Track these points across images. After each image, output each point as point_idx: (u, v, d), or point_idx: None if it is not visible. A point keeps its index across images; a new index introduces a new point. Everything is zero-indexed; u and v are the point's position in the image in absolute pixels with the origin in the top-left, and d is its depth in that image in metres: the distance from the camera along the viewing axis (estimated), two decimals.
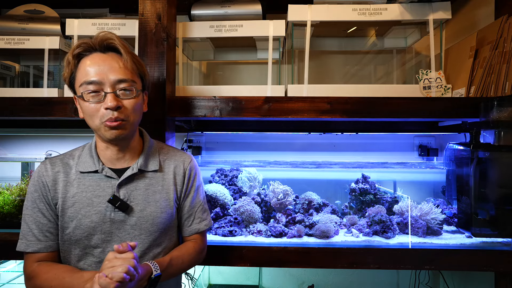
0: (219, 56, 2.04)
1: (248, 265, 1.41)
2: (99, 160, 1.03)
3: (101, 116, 0.95)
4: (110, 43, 0.97)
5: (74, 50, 0.96)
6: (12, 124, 1.92)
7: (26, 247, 1.00)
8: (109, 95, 0.94)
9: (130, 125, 0.99)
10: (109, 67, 0.95)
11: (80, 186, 1.01)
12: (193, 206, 1.14)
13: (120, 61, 0.97)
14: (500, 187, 1.40)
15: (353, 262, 1.39)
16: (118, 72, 0.95)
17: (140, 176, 1.05)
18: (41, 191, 1.01)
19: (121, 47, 0.97)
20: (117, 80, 0.95)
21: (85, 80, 0.94)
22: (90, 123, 0.98)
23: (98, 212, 0.99)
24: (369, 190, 1.70)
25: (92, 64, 0.95)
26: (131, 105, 0.98)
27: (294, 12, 1.55)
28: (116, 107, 0.94)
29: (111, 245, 0.99)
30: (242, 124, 1.87)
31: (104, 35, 0.96)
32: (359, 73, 2.14)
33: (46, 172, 1.02)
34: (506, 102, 1.33)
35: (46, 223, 1.01)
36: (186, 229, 1.14)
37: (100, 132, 0.97)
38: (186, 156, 1.15)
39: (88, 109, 0.95)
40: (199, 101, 1.45)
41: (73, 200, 1.00)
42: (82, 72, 0.95)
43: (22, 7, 1.75)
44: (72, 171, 1.03)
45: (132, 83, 0.98)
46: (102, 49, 0.97)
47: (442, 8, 1.53)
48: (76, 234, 0.99)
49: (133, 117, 0.99)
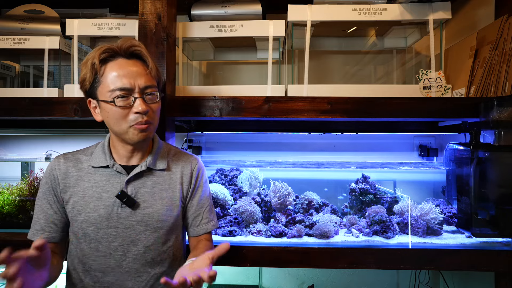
0: (219, 56, 2.04)
1: (248, 265, 1.42)
2: (111, 157, 1.07)
3: (130, 120, 0.98)
4: (136, 50, 1.01)
5: (100, 54, 0.97)
6: (12, 124, 1.91)
7: (32, 236, 1.05)
8: (138, 100, 0.98)
9: (153, 128, 1.05)
10: (138, 74, 0.99)
11: (91, 180, 1.05)
12: (201, 206, 1.16)
13: (146, 69, 1.01)
14: (500, 187, 1.40)
15: (353, 262, 1.39)
16: (146, 79, 1.00)
17: (148, 174, 1.08)
18: (51, 183, 1.06)
19: (147, 56, 1.02)
20: (145, 86, 1.00)
21: (116, 86, 0.96)
22: (115, 126, 1.00)
23: (106, 207, 1.03)
24: (369, 190, 1.70)
25: (121, 70, 0.98)
26: (156, 109, 1.04)
27: (294, 12, 1.55)
28: (146, 111, 0.99)
29: (117, 240, 1.03)
30: (242, 124, 1.87)
31: (132, 42, 1.00)
32: (359, 73, 2.14)
33: (59, 165, 1.07)
34: (506, 102, 1.34)
35: (52, 214, 1.06)
36: (194, 229, 1.15)
37: (126, 135, 1.00)
38: (193, 158, 1.19)
39: (117, 113, 0.98)
40: (199, 101, 1.45)
41: (83, 193, 1.04)
42: (111, 77, 0.97)
43: (22, 7, 1.75)
44: (83, 165, 1.07)
45: (156, 89, 1.03)
46: (127, 55, 1.00)
47: (442, 8, 1.53)
48: (84, 227, 1.03)
49: (156, 120, 1.06)
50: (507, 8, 1.57)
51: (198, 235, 1.15)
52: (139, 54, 1.02)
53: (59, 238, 1.07)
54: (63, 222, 1.07)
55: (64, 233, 1.08)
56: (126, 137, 1.01)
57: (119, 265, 1.02)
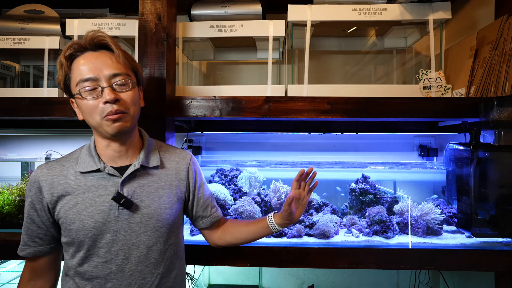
0: (219, 56, 2.04)
1: (248, 265, 1.41)
2: (99, 159, 1.02)
3: (101, 111, 0.95)
4: (101, 40, 0.99)
5: (65, 52, 0.97)
6: (12, 124, 1.92)
7: (19, 251, 1.04)
8: (106, 89, 0.95)
9: (130, 118, 1.00)
10: (102, 63, 0.97)
11: (82, 186, 1.00)
12: (208, 197, 1.19)
13: (112, 57, 0.98)
14: (500, 187, 1.40)
15: (353, 262, 1.39)
16: (112, 67, 0.97)
17: (143, 173, 1.05)
18: (35, 196, 1.01)
19: (112, 43, 0.99)
20: (112, 74, 0.97)
21: (80, 78, 0.95)
22: (90, 121, 0.98)
23: (102, 212, 0.99)
24: (369, 190, 1.70)
25: (85, 62, 0.96)
26: (129, 97, 0.99)
27: (294, 12, 1.55)
28: (115, 100, 0.95)
29: (117, 244, 0.99)
30: (242, 124, 1.87)
31: (94, 34, 0.98)
32: (359, 73, 2.14)
33: (42, 176, 1.01)
34: (506, 102, 1.33)
35: (34, 229, 1.02)
36: (206, 220, 1.18)
37: (101, 128, 0.98)
38: (185, 152, 1.18)
39: (87, 106, 0.96)
40: (199, 101, 1.45)
41: (74, 201, 0.99)
42: (77, 71, 0.96)
43: (22, 7, 1.75)
44: (70, 172, 1.02)
45: (126, 76, 0.99)
46: (93, 48, 0.99)
47: (442, 8, 1.53)
48: (80, 236, 0.98)
49: (133, 109, 1.00)
50: (507, 8, 1.57)
51: (210, 223, 1.19)
52: (105, 43, 0.99)
53: (47, 250, 1.04)
54: (49, 236, 1.03)
55: (54, 244, 1.05)
56: (102, 131, 0.98)
57: (122, 269, 0.99)
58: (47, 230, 1.03)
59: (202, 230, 1.22)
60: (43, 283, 1.07)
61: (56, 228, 1.03)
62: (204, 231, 1.22)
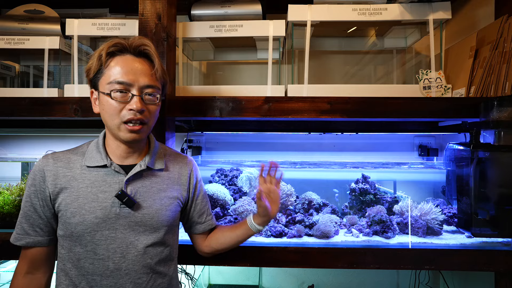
0: (219, 56, 2.05)
1: (248, 265, 1.42)
2: (107, 156, 1.04)
3: (123, 116, 0.97)
4: (145, 49, 1.01)
5: (109, 47, 0.97)
6: (12, 124, 1.92)
7: (15, 240, 1.02)
8: (136, 97, 0.97)
9: (147, 129, 1.03)
10: (140, 72, 0.98)
11: (85, 181, 1.01)
12: (205, 204, 1.21)
13: (150, 69, 1.01)
14: (500, 187, 1.40)
15: (353, 262, 1.39)
16: (148, 78, 0.99)
17: (147, 174, 1.07)
18: (38, 185, 1.01)
19: (155, 56, 1.01)
20: (146, 85, 0.99)
21: (115, 79, 0.96)
22: (108, 121, 0.99)
23: (103, 208, 0.99)
24: (369, 190, 1.70)
25: (124, 65, 0.97)
26: (153, 110, 1.02)
27: (294, 12, 1.55)
28: (141, 110, 0.97)
29: (115, 242, 0.99)
30: (242, 124, 1.87)
31: (142, 41, 1.00)
32: (359, 73, 2.14)
33: (48, 166, 1.01)
34: (506, 102, 1.34)
35: (36, 219, 1.01)
36: (200, 226, 1.20)
37: (117, 131, 0.99)
38: (189, 159, 1.20)
39: (111, 107, 0.97)
40: (199, 101, 1.45)
41: (77, 194, 0.99)
42: (114, 70, 0.97)
43: (22, 7, 1.75)
44: (75, 165, 1.03)
45: (157, 90, 1.02)
46: (135, 53, 1.00)
47: (442, 8, 1.53)
48: (79, 230, 0.98)
49: (152, 121, 1.03)
50: (507, 8, 1.57)
51: (203, 231, 1.20)
52: (148, 53, 1.01)
53: (47, 242, 1.03)
54: (49, 227, 1.03)
55: (52, 237, 1.04)
56: (117, 134, 0.99)
57: (118, 267, 0.99)
58: (48, 221, 1.02)
59: (193, 235, 1.23)
60: (40, 276, 1.05)
61: (55, 220, 1.03)
62: (195, 236, 1.23)
